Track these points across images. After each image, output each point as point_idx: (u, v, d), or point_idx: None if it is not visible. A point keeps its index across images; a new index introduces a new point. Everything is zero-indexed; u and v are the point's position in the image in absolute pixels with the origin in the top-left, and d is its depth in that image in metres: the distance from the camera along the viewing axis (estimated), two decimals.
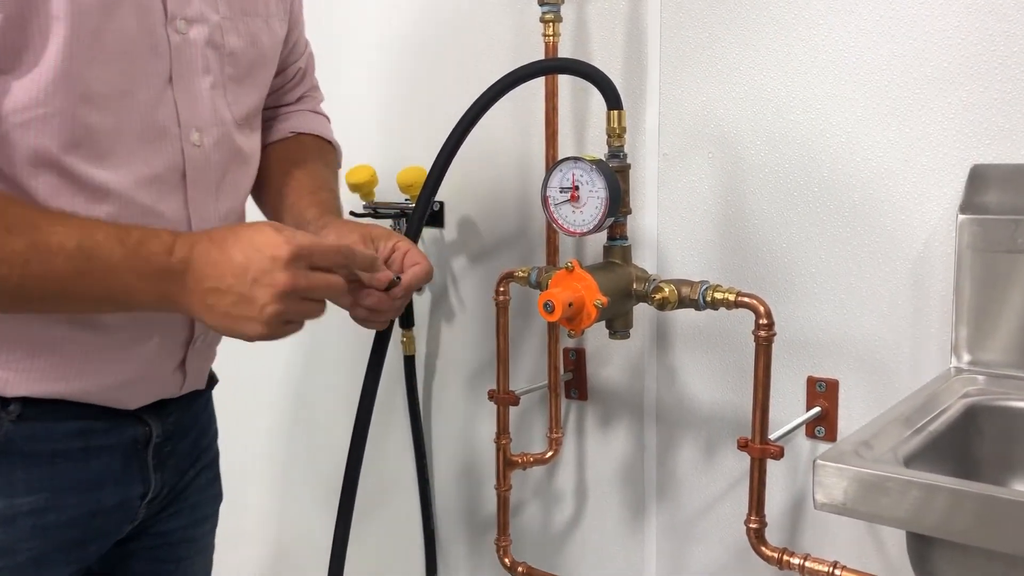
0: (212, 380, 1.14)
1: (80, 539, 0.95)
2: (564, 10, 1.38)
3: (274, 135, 1.16)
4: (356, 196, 1.59)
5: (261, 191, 1.12)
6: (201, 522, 1.13)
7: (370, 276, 0.94)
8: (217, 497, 1.17)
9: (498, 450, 1.45)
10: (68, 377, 0.90)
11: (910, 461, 0.90)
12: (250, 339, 0.84)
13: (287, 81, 1.19)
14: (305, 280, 0.83)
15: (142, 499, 1.00)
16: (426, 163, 1.35)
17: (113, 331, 0.91)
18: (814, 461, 0.87)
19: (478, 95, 1.26)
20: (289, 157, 1.13)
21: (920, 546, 0.87)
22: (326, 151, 1.19)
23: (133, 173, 0.88)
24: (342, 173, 1.56)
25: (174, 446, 1.03)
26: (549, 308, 1.13)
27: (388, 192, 1.59)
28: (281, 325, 0.84)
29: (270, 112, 1.16)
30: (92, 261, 0.80)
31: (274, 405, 1.93)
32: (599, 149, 1.23)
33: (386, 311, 0.98)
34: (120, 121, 0.87)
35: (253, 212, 1.09)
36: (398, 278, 0.97)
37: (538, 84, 1.40)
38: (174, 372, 1.00)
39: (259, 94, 1.04)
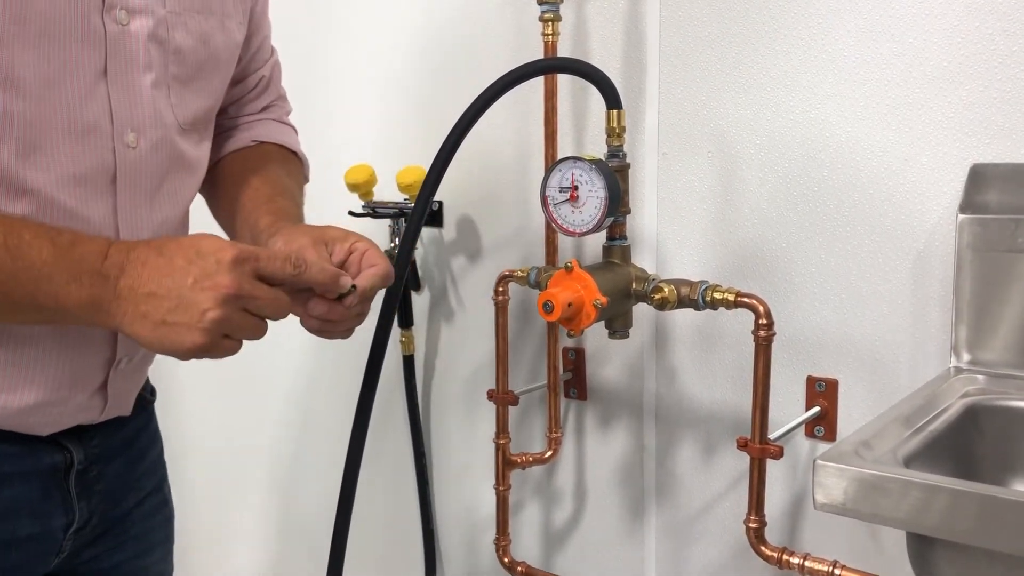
0: (149, 396, 1.06)
1: None
2: (563, 9, 1.37)
3: (234, 144, 1.09)
4: (355, 196, 1.59)
5: (217, 200, 1.05)
6: (150, 551, 1.05)
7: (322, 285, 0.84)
8: (168, 520, 1.09)
9: (497, 450, 1.45)
10: None
11: (910, 461, 0.90)
12: (185, 353, 0.76)
13: (249, 90, 1.11)
14: (250, 286, 0.76)
15: (66, 530, 0.92)
16: (425, 163, 1.35)
17: (20, 345, 0.83)
18: (814, 461, 0.87)
19: (477, 94, 1.26)
20: (248, 165, 1.05)
21: (920, 546, 0.87)
22: (289, 160, 1.11)
23: (56, 171, 0.81)
24: (341, 172, 1.57)
25: (101, 471, 0.95)
26: (548, 308, 1.13)
27: (386, 192, 1.59)
28: (220, 337, 0.76)
29: (231, 121, 1.11)
30: (17, 261, 0.73)
31: (273, 405, 1.93)
32: (598, 148, 1.23)
33: (341, 322, 0.88)
34: (44, 112, 0.79)
35: (199, 224, 1.01)
36: (353, 287, 0.85)
37: (537, 83, 1.40)
38: (92, 396, 0.91)
39: (210, 99, 0.97)
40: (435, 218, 1.62)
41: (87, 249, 0.75)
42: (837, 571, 1.13)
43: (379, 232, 1.67)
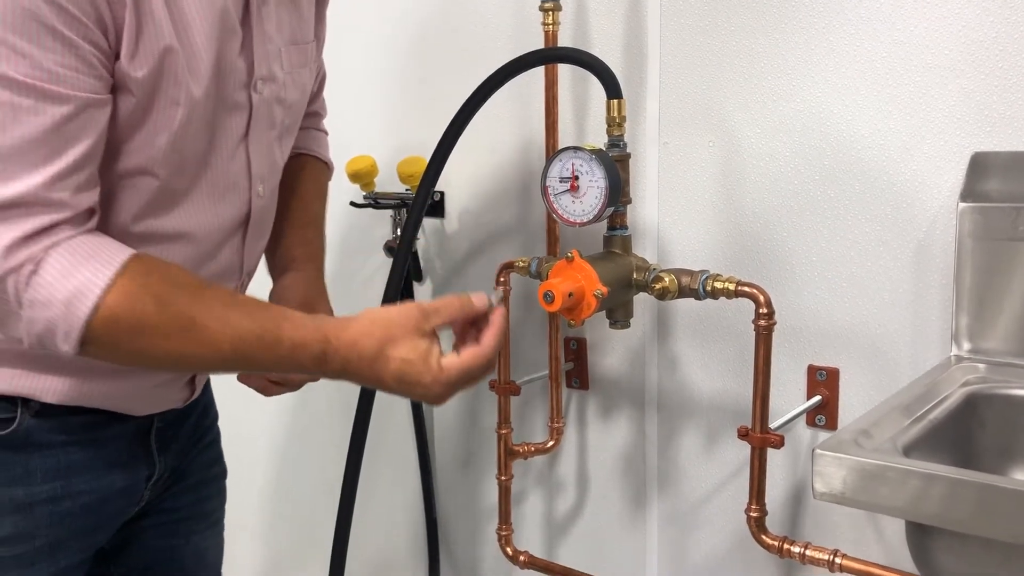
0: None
1: (92, 525, 0.99)
2: None
3: None
4: (356, 187, 1.59)
5: None
6: (207, 499, 1.17)
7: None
8: (222, 474, 1.20)
9: (499, 440, 1.45)
10: (87, 392, 0.94)
11: (910, 450, 0.90)
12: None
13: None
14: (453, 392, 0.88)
15: (147, 481, 1.04)
16: (426, 152, 1.35)
17: None
18: (813, 451, 0.87)
19: (477, 84, 1.26)
20: (288, 183, 1.11)
21: (919, 535, 0.87)
22: (321, 174, 1.21)
23: (202, 224, 0.93)
24: (342, 163, 1.57)
25: (176, 431, 1.07)
26: (549, 298, 1.13)
27: (387, 182, 1.59)
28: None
29: None
30: (244, 363, 0.86)
31: (276, 399, 1.93)
32: (599, 138, 1.23)
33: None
34: (199, 179, 0.92)
35: None
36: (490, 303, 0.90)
37: (538, 73, 1.39)
38: (182, 388, 1.06)
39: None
40: (436, 208, 1.62)
41: (304, 358, 0.84)
42: (837, 560, 1.13)
43: (381, 223, 1.68)
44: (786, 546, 1.17)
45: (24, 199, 0.77)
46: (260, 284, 1.09)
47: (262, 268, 1.11)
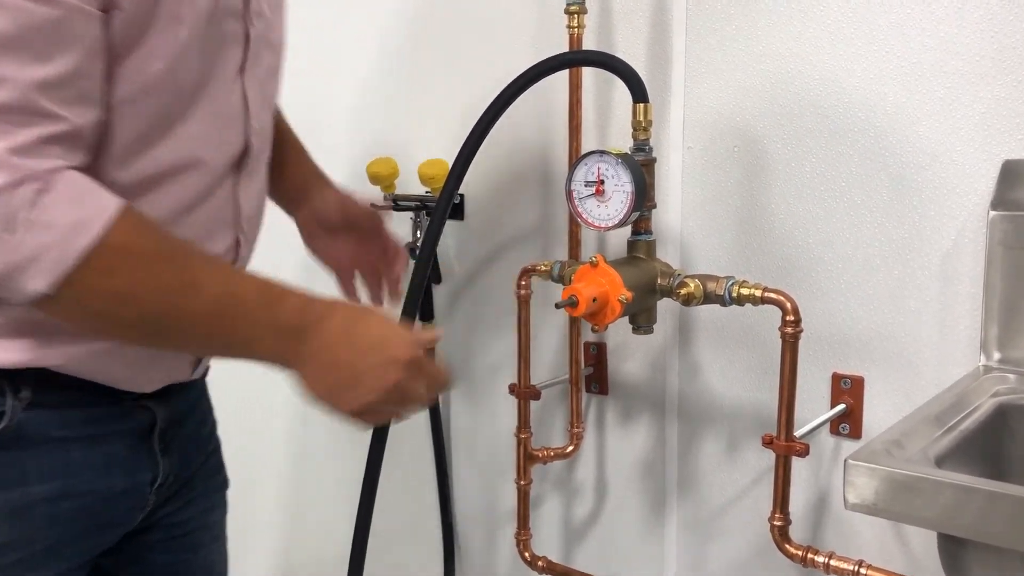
0: (208, 367, 1.14)
1: (93, 527, 0.95)
2: (588, 1, 1.36)
3: None
4: (376, 188, 1.59)
5: None
6: (212, 510, 1.14)
7: None
8: (224, 483, 1.18)
9: (519, 444, 1.44)
10: (86, 357, 0.90)
11: (941, 461, 0.89)
12: (339, 415, 0.87)
13: None
14: (409, 387, 0.87)
15: (151, 485, 1.00)
16: (448, 155, 1.34)
17: None
18: (845, 461, 0.86)
19: (500, 87, 1.25)
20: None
21: (952, 548, 0.86)
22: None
23: (207, 151, 0.91)
24: (363, 165, 1.57)
25: (176, 432, 1.04)
26: (573, 303, 1.12)
27: (406, 184, 1.59)
28: (368, 415, 0.88)
29: None
30: (234, 307, 0.83)
31: (293, 400, 1.93)
32: (622, 142, 1.22)
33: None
34: (197, 107, 0.88)
35: None
36: None
37: (561, 76, 1.39)
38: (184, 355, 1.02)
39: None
40: (456, 211, 1.62)
41: (290, 304, 0.84)
42: (863, 570, 1.12)
43: (401, 225, 1.67)
44: (810, 556, 1.16)
45: (15, 102, 0.73)
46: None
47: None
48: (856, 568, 1.12)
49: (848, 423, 1.29)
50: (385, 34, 1.66)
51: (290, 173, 1.18)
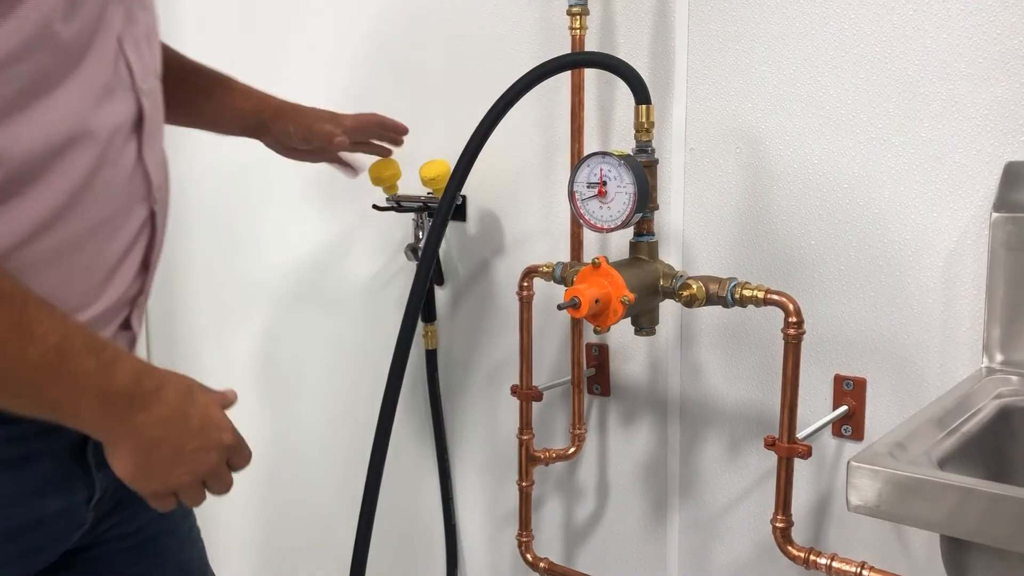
0: None
1: (25, 550, 0.90)
2: (591, 3, 1.36)
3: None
4: (378, 190, 1.59)
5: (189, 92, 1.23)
6: (169, 513, 1.07)
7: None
8: None
9: (521, 445, 1.44)
10: None
11: (944, 463, 0.89)
12: (144, 489, 0.86)
13: None
14: (223, 472, 0.89)
15: (88, 503, 0.94)
16: (450, 157, 1.34)
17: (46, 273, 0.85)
18: (848, 462, 0.86)
19: (502, 89, 1.25)
20: (188, 72, 1.24)
21: (955, 550, 0.86)
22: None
23: (88, 125, 0.84)
24: (365, 167, 1.56)
25: None
26: (576, 304, 1.12)
27: (409, 186, 1.59)
28: (172, 495, 0.87)
29: None
30: (65, 364, 0.77)
31: (296, 401, 1.93)
32: (624, 144, 1.22)
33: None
34: (77, 72, 0.82)
35: None
36: None
37: (563, 77, 1.39)
38: (117, 334, 0.95)
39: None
40: (459, 212, 1.62)
41: (126, 367, 0.81)
42: (865, 572, 1.12)
43: (403, 226, 1.67)
44: (812, 557, 1.16)
45: None
46: None
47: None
48: (858, 570, 1.12)
49: (850, 425, 1.29)
50: (387, 35, 1.67)
51: (233, 104, 1.27)
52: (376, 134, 1.45)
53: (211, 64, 1.29)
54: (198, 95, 1.27)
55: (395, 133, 1.45)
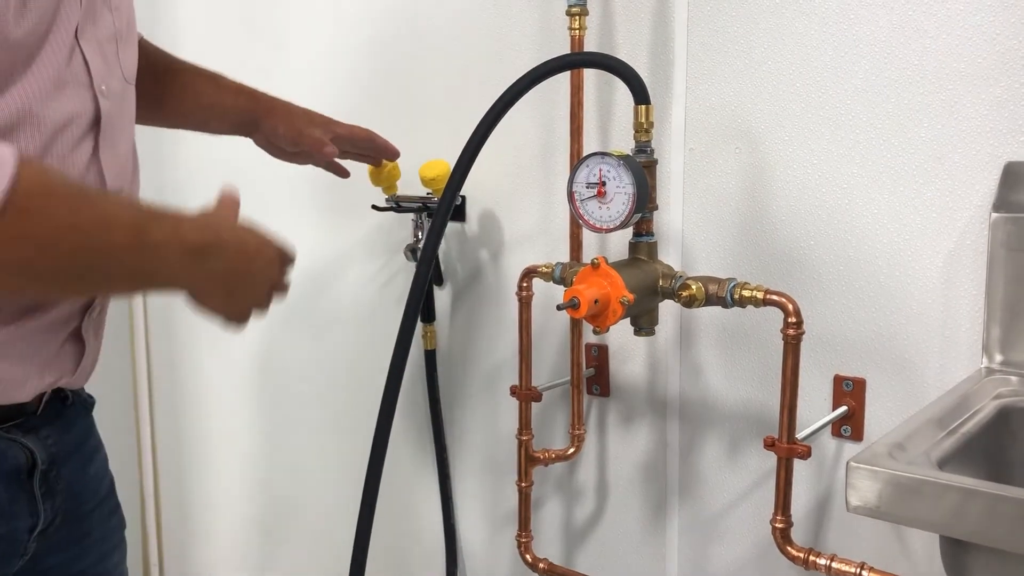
0: (90, 401, 1.08)
1: None
2: (590, 3, 1.36)
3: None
4: (378, 190, 1.58)
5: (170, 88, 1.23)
6: (109, 554, 1.08)
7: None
8: (120, 524, 1.12)
9: (520, 446, 1.44)
10: None
11: (943, 464, 0.88)
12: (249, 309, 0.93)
13: None
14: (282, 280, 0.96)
15: (31, 532, 0.93)
16: (449, 157, 1.34)
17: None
18: (848, 463, 0.86)
19: (502, 89, 1.25)
20: (177, 71, 1.24)
21: (955, 551, 0.86)
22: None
23: (35, 110, 0.83)
24: (364, 167, 1.56)
25: (59, 471, 0.97)
26: (575, 304, 1.12)
27: (408, 187, 1.58)
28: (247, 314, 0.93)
29: None
30: (146, 235, 0.80)
31: (295, 401, 1.93)
32: (623, 143, 1.22)
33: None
34: (30, 68, 0.82)
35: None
36: None
37: (562, 78, 1.39)
38: (65, 343, 0.93)
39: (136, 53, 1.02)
40: (458, 212, 1.62)
41: (189, 224, 0.84)
42: (865, 573, 1.12)
43: (402, 226, 1.67)
44: (812, 558, 1.16)
45: None
46: None
47: None
48: (858, 571, 1.12)
49: (850, 425, 1.29)
50: (388, 35, 1.66)
51: (224, 101, 1.27)
52: (366, 148, 1.43)
53: (211, 65, 1.29)
54: (186, 93, 1.26)
55: (386, 155, 1.45)
